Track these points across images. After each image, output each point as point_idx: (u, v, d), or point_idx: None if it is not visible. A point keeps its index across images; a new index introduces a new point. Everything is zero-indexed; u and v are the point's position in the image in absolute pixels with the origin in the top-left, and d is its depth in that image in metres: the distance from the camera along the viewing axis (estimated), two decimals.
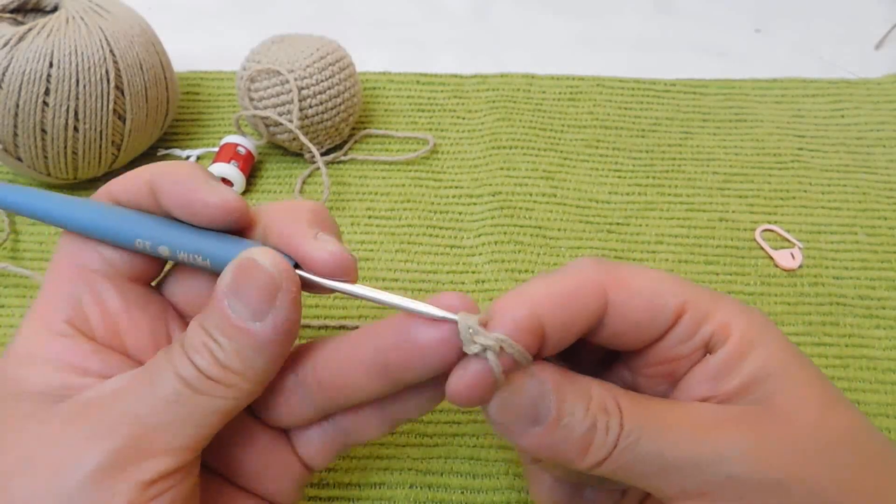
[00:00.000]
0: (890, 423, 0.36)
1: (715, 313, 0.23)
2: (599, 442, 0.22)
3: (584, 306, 0.23)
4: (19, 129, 0.41)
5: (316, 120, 0.45)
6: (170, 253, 0.25)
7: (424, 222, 0.45)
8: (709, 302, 0.24)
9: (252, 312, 0.22)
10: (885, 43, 0.58)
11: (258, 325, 0.22)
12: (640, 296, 0.23)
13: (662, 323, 0.23)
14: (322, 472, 0.34)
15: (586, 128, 0.50)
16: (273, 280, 0.22)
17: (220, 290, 0.23)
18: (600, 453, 0.22)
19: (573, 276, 0.23)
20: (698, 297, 0.24)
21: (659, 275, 0.24)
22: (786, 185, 0.47)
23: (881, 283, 0.42)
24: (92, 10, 0.42)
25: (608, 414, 0.22)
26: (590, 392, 0.22)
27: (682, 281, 0.24)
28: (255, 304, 0.22)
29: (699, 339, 0.23)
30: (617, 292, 0.23)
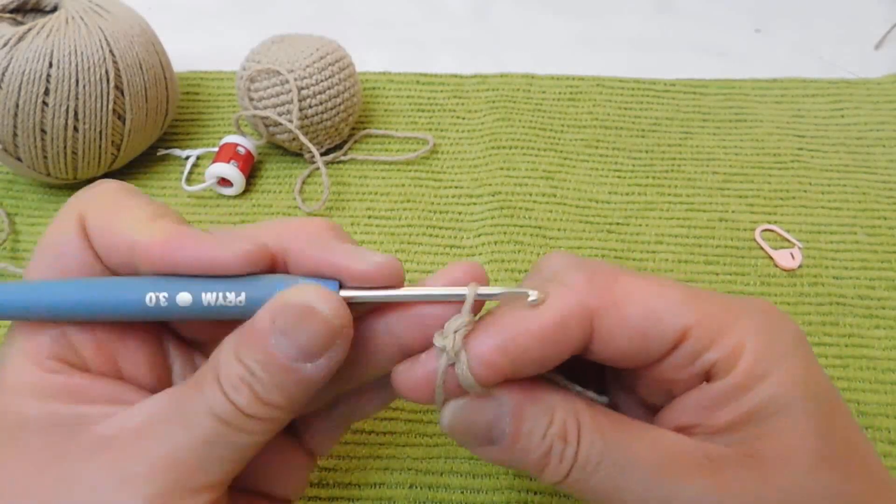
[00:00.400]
0: (890, 423, 0.36)
1: (725, 338, 0.22)
2: (553, 468, 0.22)
3: (563, 342, 0.21)
4: (19, 129, 0.41)
5: (316, 120, 0.45)
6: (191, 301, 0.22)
7: (424, 222, 0.45)
8: (722, 322, 0.22)
9: (304, 356, 0.21)
10: (885, 43, 0.58)
11: (309, 367, 0.21)
12: (633, 324, 0.22)
13: (656, 352, 0.22)
14: (322, 472, 0.34)
15: (586, 128, 0.50)
16: (333, 329, 0.21)
17: (263, 325, 0.21)
18: (554, 477, 0.22)
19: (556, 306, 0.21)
20: (709, 318, 0.22)
21: (662, 293, 0.22)
22: (786, 185, 0.47)
23: (881, 283, 0.42)
24: (92, 10, 0.42)
25: (565, 442, 0.21)
26: (552, 415, 0.22)
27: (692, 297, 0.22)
28: (309, 348, 0.21)
29: (699, 367, 0.22)
30: (607, 319, 0.22)
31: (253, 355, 0.21)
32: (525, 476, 0.34)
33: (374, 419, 0.36)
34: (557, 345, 0.21)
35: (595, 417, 0.22)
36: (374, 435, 0.35)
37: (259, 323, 0.21)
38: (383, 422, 0.36)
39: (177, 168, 0.48)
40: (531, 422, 0.22)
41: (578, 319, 0.21)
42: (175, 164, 0.48)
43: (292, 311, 0.21)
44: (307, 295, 0.21)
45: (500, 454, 0.22)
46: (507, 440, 0.22)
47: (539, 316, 0.21)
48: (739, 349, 0.21)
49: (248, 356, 0.21)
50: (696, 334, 0.22)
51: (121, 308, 0.22)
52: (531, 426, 0.22)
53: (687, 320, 0.22)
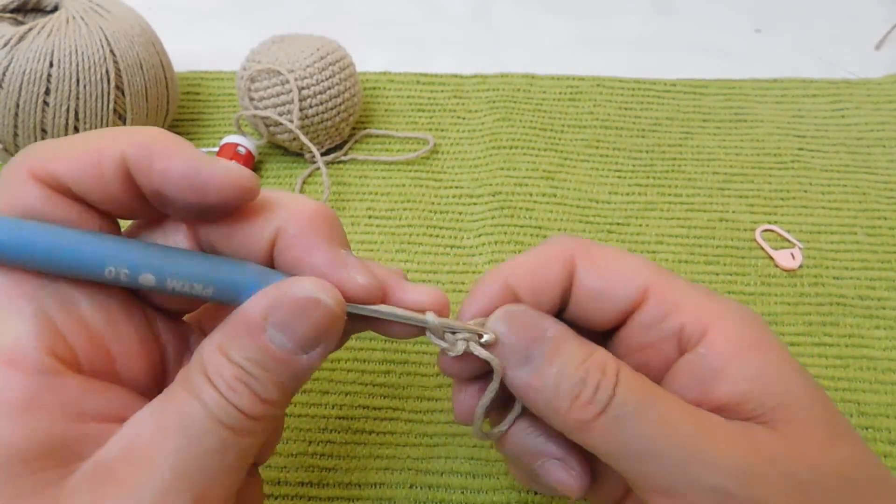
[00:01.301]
0: (890, 423, 0.36)
1: (686, 307, 0.23)
2: (587, 398, 0.21)
3: (551, 273, 0.24)
4: (19, 129, 0.41)
5: (316, 120, 0.45)
6: (155, 282, 0.20)
7: (424, 222, 0.45)
8: (681, 294, 0.23)
9: (301, 347, 0.20)
10: (885, 43, 0.58)
11: (304, 358, 0.21)
12: (602, 271, 0.24)
13: (622, 300, 0.24)
14: (322, 472, 0.34)
15: (586, 128, 0.50)
16: (335, 319, 0.21)
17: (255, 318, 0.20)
18: (587, 412, 0.21)
19: (544, 250, 0.25)
20: (669, 287, 0.24)
21: (629, 258, 0.25)
22: (786, 185, 0.47)
23: (881, 283, 0.42)
24: (92, 10, 0.42)
25: (604, 374, 0.21)
26: (592, 349, 0.22)
27: (653, 268, 0.24)
28: (308, 339, 0.20)
29: (666, 329, 0.23)
30: (581, 264, 0.24)
31: (247, 353, 0.20)
32: None
33: (375, 419, 0.36)
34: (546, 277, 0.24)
35: (633, 372, 0.22)
36: (374, 435, 0.35)
37: (252, 317, 0.20)
38: (383, 422, 0.36)
39: None
40: (572, 347, 0.22)
41: (562, 257, 0.24)
42: None
43: (294, 303, 0.20)
44: (310, 287, 0.21)
45: (534, 376, 0.22)
46: (546, 354, 0.22)
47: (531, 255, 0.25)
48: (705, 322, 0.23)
49: (241, 354, 0.20)
50: (658, 295, 0.23)
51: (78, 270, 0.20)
52: (571, 349, 0.22)
53: (648, 280, 0.24)
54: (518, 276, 0.24)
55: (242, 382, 0.20)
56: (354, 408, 0.36)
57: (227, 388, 0.20)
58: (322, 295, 0.20)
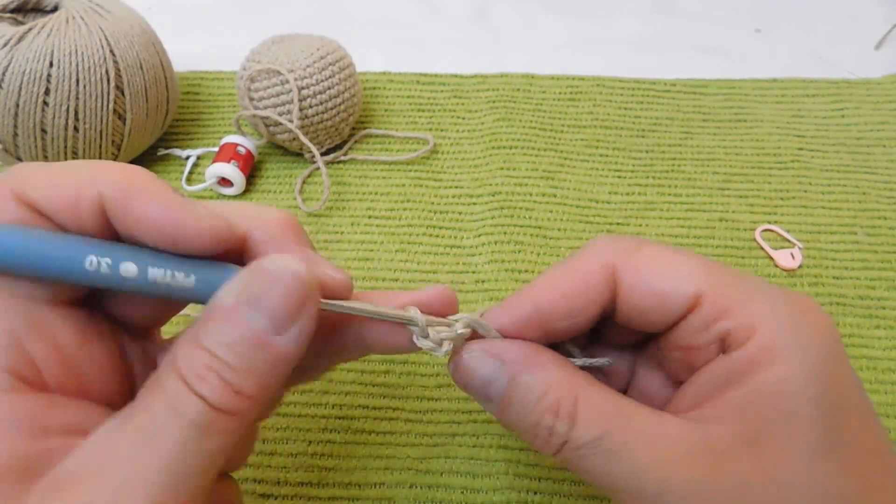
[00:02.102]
0: (890, 423, 0.36)
1: (739, 309, 0.22)
2: (542, 441, 0.22)
3: (587, 294, 0.23)
4: (19, 129, 0.41)
5: (316, 120, 0.45)
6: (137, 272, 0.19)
7: (424, 222, 0.45)
8: (739, 294, 0.22)
9: (275, 325, 0.19)
10: (885, 43, 0.58)
11: (280, 339, 0.19)
12: (648, 283, 0.23)
13: (672, 312, 0.23)
14: (322, 471, 0.34)
15: (586, 128, 0.50)
16: (306, 286, 0.20)
17: (228, 301, 0.19)
18: (548, 449, 0.22)
19: (581, 263, 0.23)
20: (722, 289, 0.22)
21: (676, 259, 0.23)
22: (786, 185, 0.47)
23: (881, 283, 0.42)
24: (92, 10, 0.42)
25: (556, 417, 0.22)
26: (547, 387, 0.22)
27: (710, 267, 0.23)
28: (281, 314, 0.19)
29: (713, 334, 0.22)
30: (627, 278, 0.23)
31: (218, 337, 0.19)
32: (525, 476, 0.34)
33: (375, 419, 0.36)
34: (583, 302, 0.23)
35: (596, 399, 0.22)
36: (374, 435, 0.35)
37: (223, 300, 0.19)
38: (383, 422, 0.36)
39: (177, 168, 0.48)
40: (523, 389, 0.22)
41: (601, 276, 0.23)
42: (175, 164, 0.48)
43: (265, 274, 0.19)
44: (281, 259, 0.20)
45: (497, 414, 0.23)
46: (500, 401, 0.23)
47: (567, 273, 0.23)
48: (754, 324, 0.22)
49: (212, 339, 0.19)
50: (710, 300, 0.22)
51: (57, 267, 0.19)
52: (523, 393, 0.22)
53: (702, 286, 0.22)
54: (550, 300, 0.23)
55: (213, 370, 0.18)
56: (354, 408, 0.36)
57: (195, 378, 0.18)
58: (293, 264, 0.20)
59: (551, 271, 0.24)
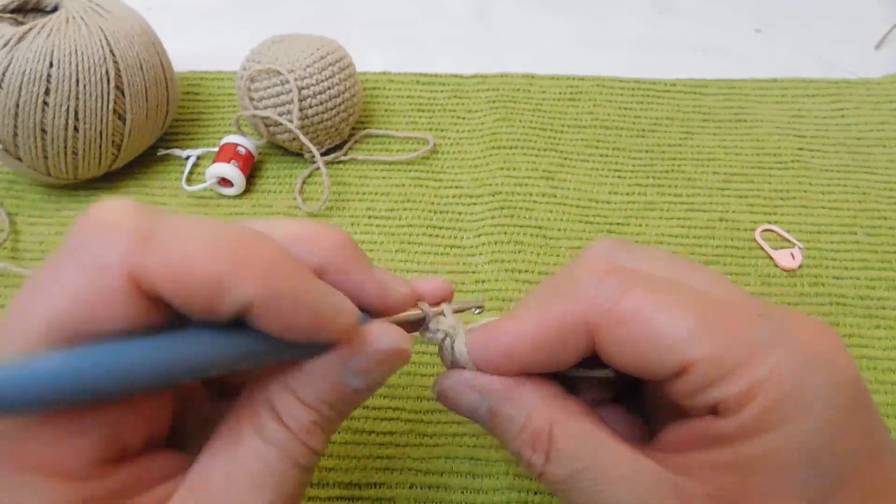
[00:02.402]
0: (890, 424, 0.36)
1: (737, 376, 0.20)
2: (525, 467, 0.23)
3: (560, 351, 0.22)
4: (19, 129, 0.41)
5: (316, 120, 0.45)
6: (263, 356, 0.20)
7: (424, 222, 0.45)
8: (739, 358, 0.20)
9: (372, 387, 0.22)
10: (885, 43, 0.58)
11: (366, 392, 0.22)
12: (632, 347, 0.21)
13: (655, 376, 0.21)
14: (322, 472, 0.34)
15: (586, 128, 0.50)
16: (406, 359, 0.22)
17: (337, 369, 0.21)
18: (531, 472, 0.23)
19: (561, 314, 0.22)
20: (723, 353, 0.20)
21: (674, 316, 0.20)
22: (786, 185, 0.47)
23: (881, 283, 0.42)
24: (92, 10, 0.42)
25: (534, 451, 0.22)
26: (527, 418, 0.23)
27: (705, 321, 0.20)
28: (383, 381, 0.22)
29: (703, 401, 0.20)
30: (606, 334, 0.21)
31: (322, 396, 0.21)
32: (525, 476, 0.34)
33: (375, 419, 0.36)
34: (554, 353, 0.22)
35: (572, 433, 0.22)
36: (374, 435, 0.35)
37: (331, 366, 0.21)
38: (383, 422, 0.36)
39: (177, 168, 0.48)
40: (505, 422, 0.23)
41: (575, 333, 0.22)
42: (175, 164, 0.48)
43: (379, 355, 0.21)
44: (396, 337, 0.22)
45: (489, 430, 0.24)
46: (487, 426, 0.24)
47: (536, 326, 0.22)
48: (753, 391, 0.19)
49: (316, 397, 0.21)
50: (701, 369, 0.20)
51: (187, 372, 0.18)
52: (504, 425, 0.23)
53: (693, 354, 0.20)
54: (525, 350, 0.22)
55: (318, 426, 0.21)
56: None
57: (304, 433, 0.21)
58: (405, 345, 0.22)
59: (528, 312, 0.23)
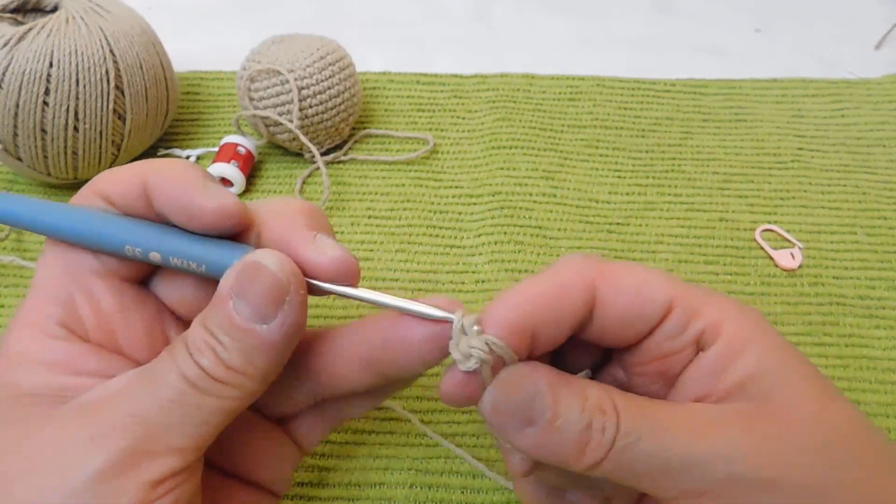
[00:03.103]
0: (890, 423, 0.36)
1: (705, 310, 0.24)
2: (596, 442, 0.22)
3: (571, 303, 0.23)
4: (19, 129, 0.41)
5: (316, 120, 0.45)
6: (161, 259, 0.24)
7: (424, 222, 0.45)
8: (699, 299, 0.24)
9: (258, 315, 0.22)
10: (885, 43, 0.58)
11: (264, 328, 0.22)
12: (628, 290, 0.24)
13: (651, 317, 0.24)
14: (322, 472, 0.34)
15: (586, 128, 0.50)
16: (280, 283, 0.22)
17: (224, 290, 0.22)
18: (597, 453, 0.22)
19: (560, 275, 0.24)
20: (688, 294, 0.24)
21: (647, 271, 0.24)
22: (786, 185, 0.47)
23: (881, 283, 0.42)
24: (92, 10, 0.42)
25: (604, 414, 0.22)
26: (585, 392, 0.22)
27: (669, 278, 0.24)
28: (262, 306, 0.22)
29: (690, 335, 0.24)
30: (605, 287, 0.24)
31: (215, 320, 0.22)
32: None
33: (375, 419, 0.36)
34: (566, 307, 0.23)
35: (623, 393, 0.23)
36: (374, 435, 0.35)
37: (221, 289, 0.22)
38: (383, 422, 0.36)
39: None
40: (568, 398, 0.22)
41: (581, 283, 0.23)
42: None
43: (245, 270, 0.22)
44: (257, 254, 0.23)
45: (540, 436, 0.22)
46: (547, 417, 0.22)
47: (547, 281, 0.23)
48: (720, 319, 0.23)
49: (211, 321, 0.22)
50: (681, 304, 0.24)
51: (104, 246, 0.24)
52: (569, 402, 0.22)
53: (673, 292, 0.24)
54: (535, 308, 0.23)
55: (209, 346, 0.22)
56: None
57: (195, 349, 0.22)
58: (266, 260, 0.22)
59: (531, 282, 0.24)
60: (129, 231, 0.24)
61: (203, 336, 0.22)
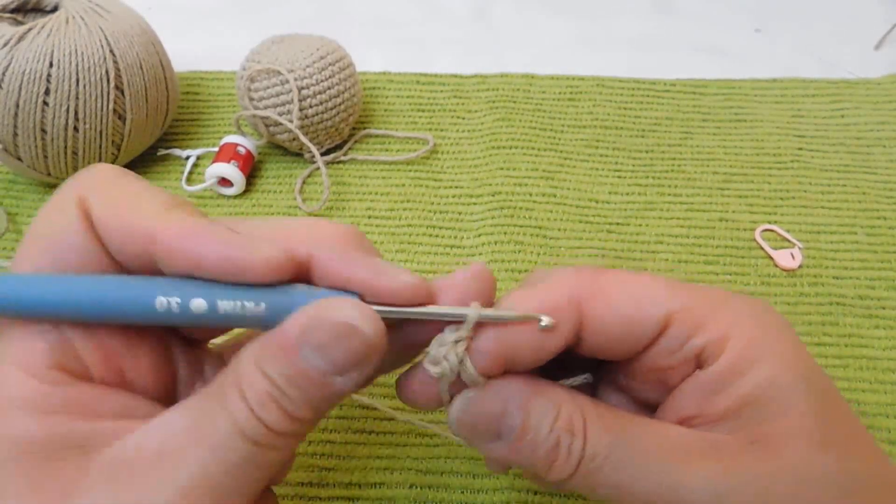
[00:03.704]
0: (890, 423, 0.36)
1: (709, 325, 0.22)
2: (562, 462, 0.22)
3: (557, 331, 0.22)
4: (19, 129, 0.41)
5: (316, 120, 0.45)
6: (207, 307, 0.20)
7: (424, 222, 0.45)
8: (704, 311, 0.22)
9: (337, 369, 0.20)
10: (885, 43, 0.58)
11: (339, 380, 0.20)
12: (618, 311, 0.22)
13: (643, 336, 0.22)
14: (322, 471, 0.34)
15: (586, 128, 0.50)
16: (373, 347, 0.20)
17: (291, 337, 0.20)
18: (563, 472, 0.22)
19: (545, 297, 0.22)
20: (693, 305, 0.22)
21: (645, 282, 0.23)
22: (786, 185, 0.47)
23: (881, 283, 0.42)
24: (92, 10, 0.42)
25: (573, 435, 0.22)
26: (558, 408, 0.22)
27: (675, 287, 0.23)
28: (346, 364, 0.20)
29: (688, 352, 0.22)
30: (593, 308, 0.22)
31: (280, 369, 0.20)
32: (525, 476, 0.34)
33: (374, 419, 0.36)
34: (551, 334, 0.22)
35: (599, 412, 0.22)
36: (374, 435, 0.35)
37: (288, 336, 0.20)
38: (383, 422, 0.36)
39: (177, 168, 0.48)
40: (538, 415, 0.22)
41: (568, 308, 0.22)
42: (175, 164, 0.48)
43: (331, 327, 0.20)
44: (348, 311, 0.20)
45: (509, 450, 0.22)
46: (515, 433, 0.22)
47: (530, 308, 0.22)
48: (726, 335, 0.22)
49: (275, 370, 0.20)
50: (680, 319, 0.22)
51: (128, 311, 0.20)
52: (539, 419, 0.22)
53: (671, 306, 0.22)
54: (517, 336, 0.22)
55: (273, 399, 0.20)
56: (354, 408, 0.36)
57: (256, 403, 0.20)
58: (361, 323, 0.20)
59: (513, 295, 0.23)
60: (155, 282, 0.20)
61: (264, 386, 0.20)
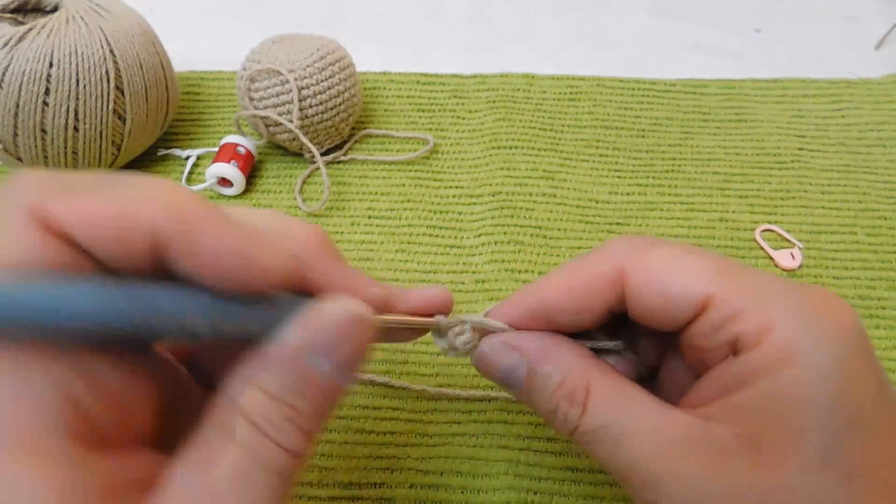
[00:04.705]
0: None
1: (749, 313, 0.21)
2: (558, 425, 0.23)
3: (593, 297, 0.24)
4: (19, 129, 0.41)
5: (316, 120, 0.45)
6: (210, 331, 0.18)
7: (424, 222, 0.45)
8: (749, 298, 0.22)
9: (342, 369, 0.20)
10: (885, 43, 0.58)
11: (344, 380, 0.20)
12: (657, 287, 0.23)
13: (680, 314, 0.23)
14: (322, 471, 0.34)
15: (586, 128, 0.50)
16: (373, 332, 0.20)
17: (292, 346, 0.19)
18: (564, 430, 0.23)
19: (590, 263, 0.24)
20: (735, 291, 0.22)
21: (691, 260, 0.23)
22: (786, 185, 0.47)
23: (881, 283, 0.42)
24: (92, 10, 0.42)
25: (571, 404, 0.23)
26: (564, 377, 0.23)
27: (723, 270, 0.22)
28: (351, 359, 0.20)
29: (723, 338, 0.22)
30: (635, 280, 0.23)
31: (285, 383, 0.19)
32: (525, 476, 0.34)
33: (375, 419, 0.36)
34: (588, 299, 0.24)
35: (607, 387, 0.23)
36: (374, 435, 0.35)
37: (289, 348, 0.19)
38: (383, 422, 0.36)
39: (177, 168, 0.48)
40: (543, 378, 0.24)
41: (609, 277, 0.23)
42: (175, 164, 0.48)
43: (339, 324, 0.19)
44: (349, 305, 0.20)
45: (517, 398, 0.25)
46: (521, 389, 0.24)
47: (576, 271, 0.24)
48: (767, 327, 0.21)
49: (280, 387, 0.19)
50: (720, 303, 0.22)
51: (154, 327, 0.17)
52: (543, 382, 0.24)
53: (711, 289, 0.22)
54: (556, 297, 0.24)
55: (288, 420, 0.19)
56: (354, 408, 0.36)
57: (274, 430, 0.18)
58: (365, 311, 0.20)
59: (562, 269, 0.25)
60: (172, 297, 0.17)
61: (276, 409, 0.19)
